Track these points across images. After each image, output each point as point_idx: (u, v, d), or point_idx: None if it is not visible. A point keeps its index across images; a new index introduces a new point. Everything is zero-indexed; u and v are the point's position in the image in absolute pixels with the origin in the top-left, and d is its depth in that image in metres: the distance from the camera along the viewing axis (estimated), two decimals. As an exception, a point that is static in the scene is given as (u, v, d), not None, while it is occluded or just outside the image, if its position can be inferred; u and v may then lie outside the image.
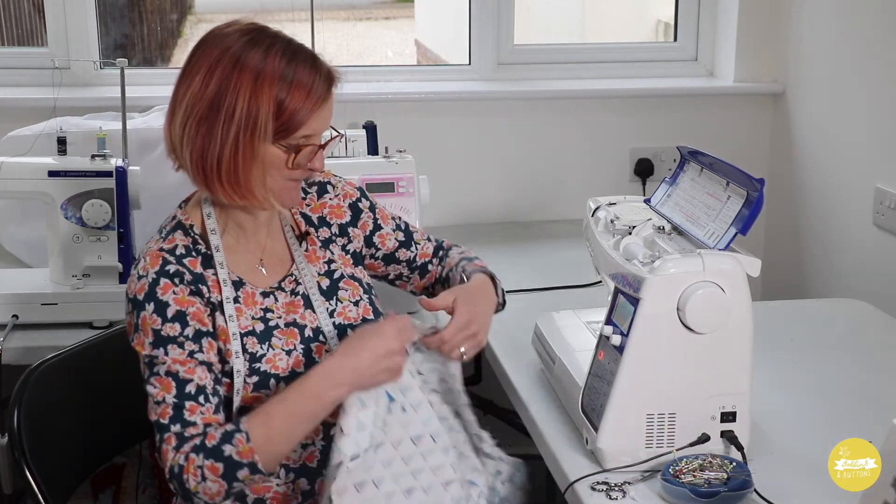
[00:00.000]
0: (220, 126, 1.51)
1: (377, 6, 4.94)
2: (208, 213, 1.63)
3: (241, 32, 1.55)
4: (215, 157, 1.52)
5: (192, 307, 1.55)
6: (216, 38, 1.55)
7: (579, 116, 3.00)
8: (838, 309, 2.35)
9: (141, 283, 1.54)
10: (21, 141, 2.51)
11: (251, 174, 1.54)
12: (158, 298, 1.53)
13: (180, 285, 1.55)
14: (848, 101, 2.68)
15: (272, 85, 1.51)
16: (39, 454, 1.69)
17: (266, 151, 1.53)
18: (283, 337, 1.62)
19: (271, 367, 1.59)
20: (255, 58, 1.51)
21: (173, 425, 1.49)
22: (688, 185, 1.75)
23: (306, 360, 1.62)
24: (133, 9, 3.24)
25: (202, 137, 1.52)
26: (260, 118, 1.51)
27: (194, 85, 1.52)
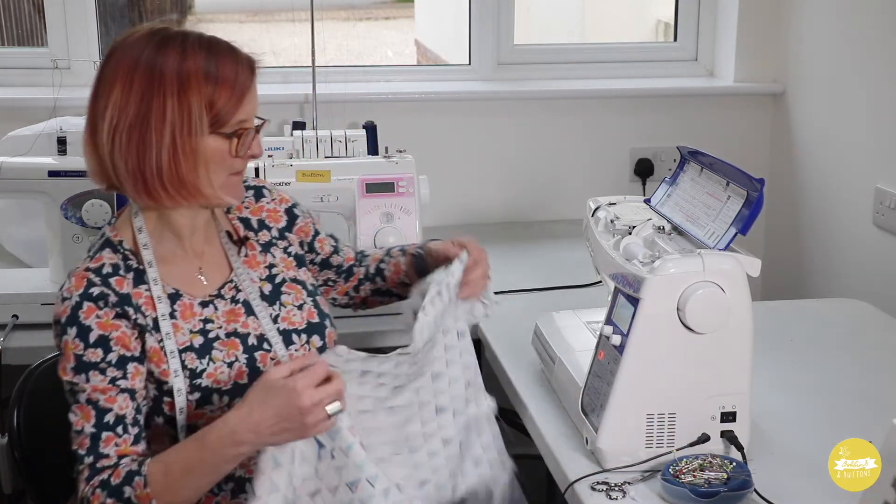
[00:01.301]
0: (152, 132, 1.47)
1: (377, 6, 4.94)
2: (139, 227, 1.58)
3: (148, 37, 1.51)
4: (154, 164, 1.49)
5: (115, 331, 1.51)
6: (123, 48, 1.51)
7: (579, 116, 3.00)
8: (838, 309, 2.35)
9: (64, 306, 1.51)
10: (21, 141, 2.51)
11: (196, 173, 1.51)
12: (81, 323, 1.50)
13: (104, 308, 1.51)
14: (848, 101, 2.68)
15: (198, 81, 1.49)
16: (39, 454, 1.69)
17: (206, 146, 1.51)
18: (223, 348, 1.58)
19: (213, 381, 1.56)
20: (173, 60, 1.49)
21: (87, 457, 1.48)
22: (688, 185, 1.75)
23: (250, 369, 1.59)
24: (133, 9, 3.24)
25: (136, 148, 1.48)
26: (193, 114, 1.48)
27: (114, 98, 1.48)
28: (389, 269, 1.87)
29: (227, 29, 4.37)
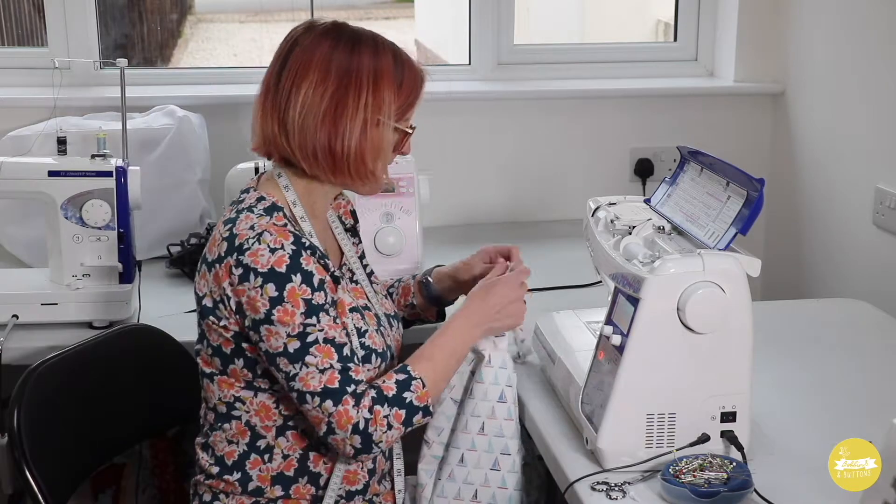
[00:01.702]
0: (347, 119, 1.63)
1: (377, 6, 4.94)
2: (293, 201, 1.68)
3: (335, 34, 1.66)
4: (343, 146, 1.63)
5: (326, 277, 1.61)
6: (308, 43, 1.65)
7: (579, 116, 3.00)
8: (838, 309, 2.35)
9: (278, 256, 1.56)
10: (21, 141, 2.51)
11: (375, 159, 1.67)
12: (305, 269, 1.57)
13: (314, 258, 1.60)
14: (848, 101, 2.68)
15: (389, 79, 1.66)
16: (39, 454, 1.69)
17: (387, 136, 1.67)
18: (367, 317, 1.70)
19: (372, 342, 1.67)
20: (368, 58, 1.65)
21: (347, 387, 1.55)
22: (688, 185, 1.75)
23: (385, 342, 1.71)
24: (133, 9, 3.24)
25: (328, 131, 1.63)
26: (384, 105, 1.65)
27: (307, 87, 1.62)
28: (398, 292, 1.97)
29: (227, 29, 4.37)
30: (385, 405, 1.57)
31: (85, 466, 1.89)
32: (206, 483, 1.71)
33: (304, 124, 1.63)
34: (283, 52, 1.67)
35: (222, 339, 1.64)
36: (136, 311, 2.20)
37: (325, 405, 1.55)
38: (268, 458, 1.67)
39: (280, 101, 1.65)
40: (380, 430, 1.56)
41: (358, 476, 1.71)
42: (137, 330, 2.07)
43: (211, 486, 1.71)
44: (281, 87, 1.65)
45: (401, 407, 1.58)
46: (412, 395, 1.59)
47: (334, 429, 1.55)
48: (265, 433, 1.67)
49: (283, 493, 1.68)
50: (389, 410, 1.57)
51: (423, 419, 1.62)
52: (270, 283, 1.55)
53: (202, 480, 1.73)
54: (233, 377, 1.66)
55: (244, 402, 1.66)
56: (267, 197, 1.66)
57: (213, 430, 1.71)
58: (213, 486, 1.70)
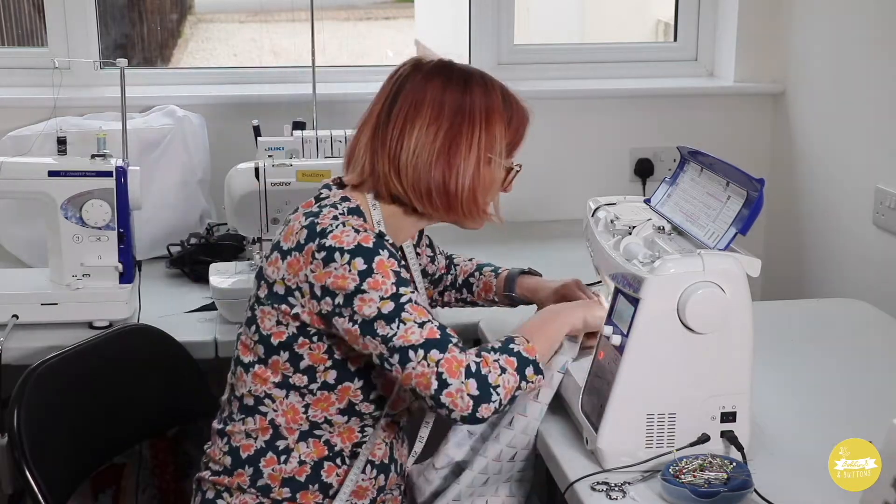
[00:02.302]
0: (460, 157, 1.64)
1: (377, 6, 4.94)
2: (378, 220, 1.68)
3: (445, 73, 1.68)
4: (457, 187, 1.65)
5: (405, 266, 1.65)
6: (419, 81, 1.67)
7: (579, 116, 3.00)
8: (838, 309, 2.35)
9: (363, 235, 1.57)
10: (21, 141, 2.51)
11: (486, 196, 1.71)
12: (388, 247, 1.59)
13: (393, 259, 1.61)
14: (848, 101, 2.68)
15: (500, 117, 1.68)
16: (39, 454, 1.69)
17: (497, 173, 1.70)
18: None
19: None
20: (479, 97, 1.66)
21: (450, 338, 1.55)
22: (688, 185, 1.75)
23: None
24: (133, 9, 3.24)
25: (442, 170, 1.64)
26: (496, 143, 1.67)
27: (420, 126, 1.64)
28: (479, 285, 2.03)
29: (227, 29, 4.37)
30: (493, 352, 1.57)
31: (85, 466, 1.89)
32: (211, 480, 1.71)
33: (417, 164, 1.64)
34: (391, 91, 1.68)
35: (277, 329, 1.63)
36: (136, 311, 2.20)
37: (431, 354, 1.52)
38: (284, 459, 1.67)
39: (391, 140, 1.65)
40: (494, 371, 1.53)
41: (367, 491, 1.71)
42: (137, 330, 2.07)
43: (215, 482, 1.70)
44: (392, 126, 1.65)
45: (510, 354, 1.57)
46: (518, 347, 1.59)
47: (446, 379, 1.50)
48: (288, 435, 1.67)
49: (290, 496, 1.67)
50: (499, 356, 1.56)
51: (535, 375, 1.58)
52: (358, 258, 1.55)
53: (207, 477, 1.72)
54: (270, 369, 1.65)
55: (274, 399, 1.66)
56: (352, 199, 1.67)
57: (232, 420, 1.70)
58: (217, 483, 1.70)
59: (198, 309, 2.29)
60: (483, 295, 2.02)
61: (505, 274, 2.01)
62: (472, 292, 2.03)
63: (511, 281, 1.99)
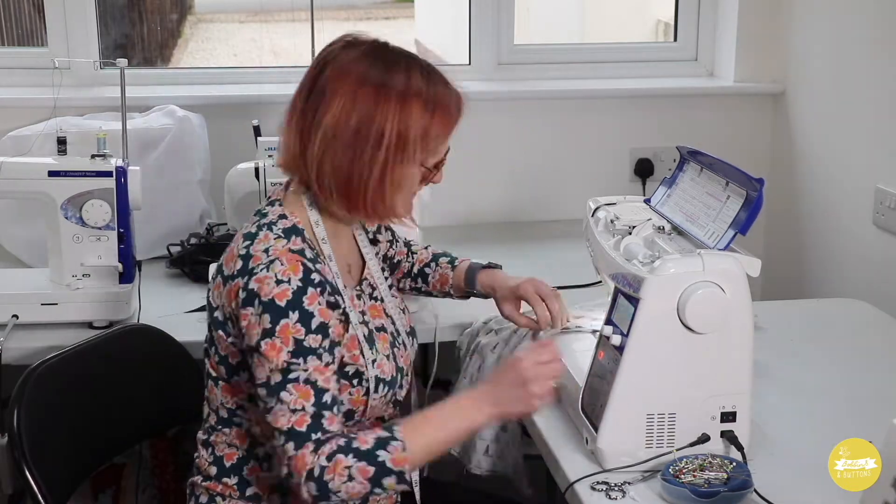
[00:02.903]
0: (368, 152, 1.55)
1: (377, 6, 4.94)
2: (316, 221, 1.63)
3: (370, 54, 1.58)
4: (362, 182, 1.56)
5: (332, 319, 1.54)
6: (341, 62, 1.57)
7: (579, 116, 3.00)
8: (838, 309, 2.35)
9: (282, 289, 1.50)
10: (21, 141, 2.51)
11: (395, 197, 1.60)
12: (304, 308, 1.51)
13: (323, 296, 1.53)
14: (848, 101, 2.68)
15: (419, 108, 1.56)
16: (39, 454, 1.69)
17: (410, 173, 1.59)
18: (380, 341, 1.66)
19: (381, 371, 1.63)
20: (398, 82, 1.55)
21: (313, 433, 1.48)
22: (687, 185, 1.75)
23: (396, 364, 1.67)
24: (133, 9, 3.24)
25: (348, 162, 1.56)
26: (409, 143, 1.56)
27: (334, 110, 1.55)
28: (434, 276, 1.97)
29: (227, 29, 4.37)
30: (350, 456, 1.47)
31: (85, 466, 1.89)
32: (204, 485, 1.71)
33: (324, 152, 1.57)
34: (318, 66, 1.61)
35: (230, 350, 1.62)
36: (136, 311, 2.20)
37: (287, 447, 1.48)
38: (266, 466, 1.66)
39: (305, 127, 1.59)
40: (338, 479, 1.46)
41: None
42: (137, 330, 2.07)
43: (208, 488, 1.70)
44: (308, 111, 1.59)
45: (370, 463, 1.47)
46: (387, 456, 1.48)
47: (291, 472, 1.49)
48: (265, 441, 1.66)
49: (282, 502, 1.67)
50: (355, 462, 1.47)
51: (396, 485, 1.49)
52: (267, 314, 1.50)
53: (199, 482, 1.72)
54: (235, 388, 1.65)
55: (246, 410, 1.65)
56: (289, 216, 1.61)
57: (214, 431, 1.71)
58: (210, 489, 1.70)
59: (198, 309, 2.28)
60: (438, 287, 1.97)
61: (465, 267, 1.95)
62: (426, 283, 1.97)
63: (472, 276, 1.94)
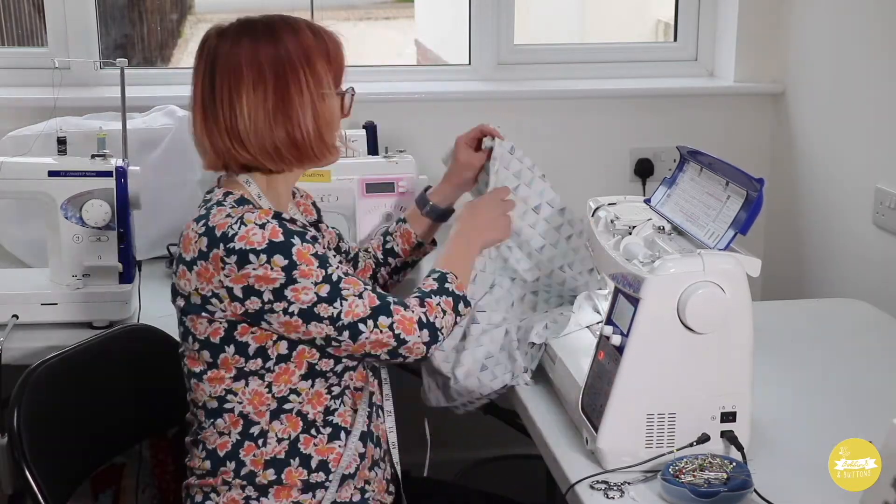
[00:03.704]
0: (296, 106, 1.65)
1: (377, 6, 4.94)
2: (258, 194, 1.70)
3: (252, 31, 1.67)
4: (302, 132, 1.66)
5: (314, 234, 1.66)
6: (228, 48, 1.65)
7: (579, 116, 3.00)
8: (838, 309, 2.35)
9: (269, 229, 1.58)
10: (21, 141, 2.51)
11: (330, 132, 1.71)
12: (297, 231, 1.60)
13: (297, 225, 1.64)
14: (848, 101, 2.68)
15: (318, 53, 1.67)
16: (39, 454, 1.69)
17: (333, 106, 1.70)
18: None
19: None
20: (291, 42, 1.66)
21: (388, 298, 1.64)
22: (687, 185, 1.75)
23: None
24: (133, 9, 3.24)
25: (283, 124, 1.65)
26: (322, 79, 1.67)
27: (246, 90, 1.63)
28: (398, 243, 2.02)
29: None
30: (434, 296, 1.68)
31: (85, 466, 1.89)
32: (198, 483, 1.71)
33: (257, 128, 1.64)
34: (205, 66, 1.67)
35: (211, 328, 1.64)
36: (136, 311, 2.20)
37: (381, 321, 1.61)
38: (262, 442, 1.67)
39: (223, 114, 1.65)
40: (438, 316, 1.66)
41: (351, 466, 1.71)
42: (137, 330, 2.07)
43: (202, 485, 1.71)
44: (219, 101, 1.65)
45: (447, 295, 1.70)
46: (452, 286, 1.71)
47: (404, 337, 1.62)
48: (259, 419, 1.67)
49: (276, 478, 1.67)
50: (439, 299, 1.68)
51: (465, 309, 1.73)
52: (277, 255, 1.56)
53: (193, 482, 1.73)
54: (223, 368, 1.66)
55: (236, 393, 1.66)
56: (234, 192, 1.68)
57: (202, 429, 1.71)
58: (203, 486, 1.70)
59: (198, 309, 2.28)
60: (408, 247, 2.02)
61: (411, 209, 2.05)
62: (396, 255, 2.02)
63: (423, 200, 2.03)
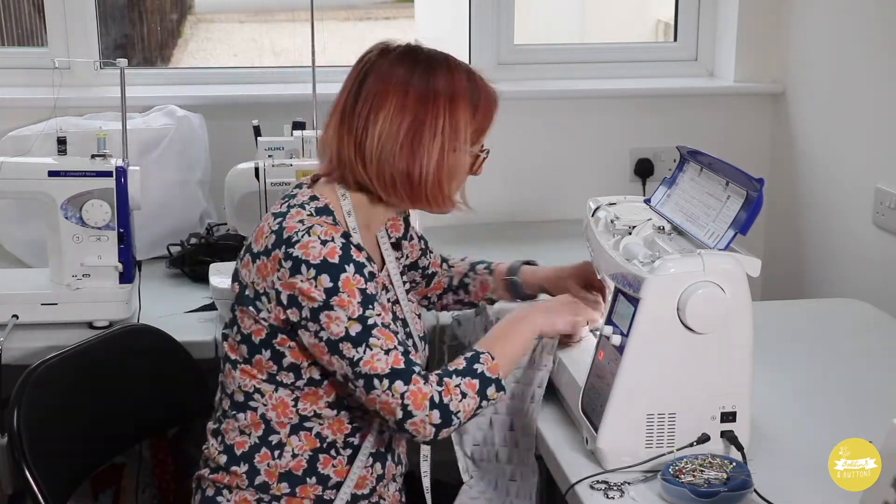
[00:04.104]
0: (424, 144, 1.63)
1: (377, 6, 4.93)
2: (348, 211, 1.69)
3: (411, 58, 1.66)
4: (422, 171, 1.64)
5: (375, 272, 1.63)
6: (383, 67, 1.65)
7: (579, 116, 3.00)
8: (838, 309, 2.35)
9: (329, 248, 1.56)
10: (21, 141, 2.51)
11: (451, 183, 1.69)
12: (356, 260, 1.57)
13: (362, 254, 1.60)
14: (848, 101, 2.68)
15: (465, 102, 1.66)
16: (39, 454, 1.69)
17: (463, 160, 1.68)
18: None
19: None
20: (443, 81, 1.65)
21: (413, 367, 1.56)
22: (687, 185, 1.75)
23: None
24: (133, 9, 3.24)
25: (406, 159, 1.64)
26: (460, 130, 1.65)
27: (386, 112, 1.63)
28: (475, 284, 2.02)
29: (227, 29, 4.37)
30: (454, 376, 1.58)
31: (85, 466, 1.89)
32: (210, 477, 1.71)
33: (382, 153, 1.63)
34: (358, 76, 1.67)
35: (255, 327, 1.64)
36: (136, 311, 2.20)
37: (396, 386, 1.54)
38: (278, 454, 1.67)
39: (357, 127, 1.65)
40: (455, 399, 1.56)
41: (367, 481, 1.71)
42: (137, 330, 2.07)
43: (214, 480, 1.71)
44: (358, 114, 1.65)
45: (473, 377, 1.59)
46: (482, 367, 1.60)
47: (411, 410, 1.54)
48: (279, 429, 1.67)
49: (289, 491, 1.67)
50: (460, 380, 1.58)
51: (496, 393, 1.61)
52: (324, 274, 1.55)
53: (206, 475, 1.72)
54: (256, 367, 1.66)
55: (263, 394, 1.66)
56: (320, 198, 1.66)
57: (226, 418, 1.71)
58: (216, 481, 1.70)
59: (198, 309, 2.29)
60: (480, 294, 2.02)
61: (504, 269, 2.01)
62: (468, 293, 2.02)
63: (514, 272, 1.99)
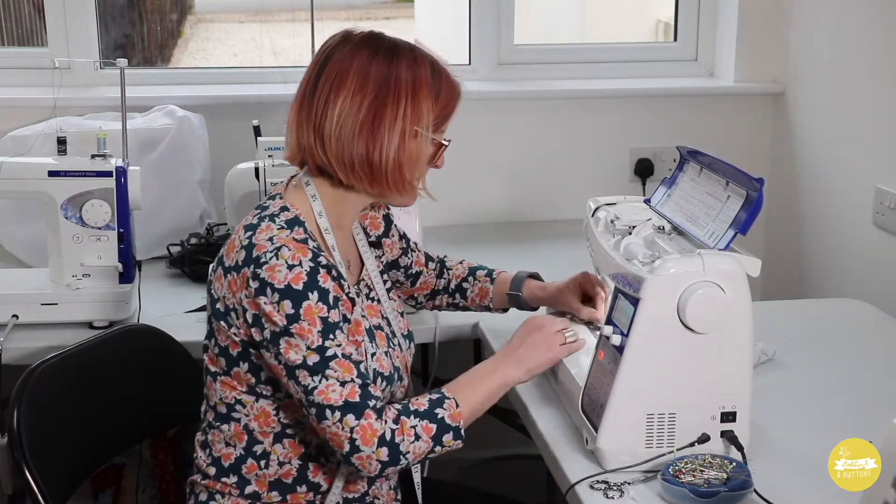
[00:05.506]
0: (385, 129, 1.61)
1: (377, 6, 4.93)
2: (319, 212, 1.66)
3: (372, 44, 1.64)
4: (381, 156, 1.61)
5: (342, 296, 1.58)
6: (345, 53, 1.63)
7: (579, 116, 3.00)
8: (838, 309, 2.35)
9: (295, 273, 1.53)
10: (21, 141, 2.51)
11: (412, 170, 1.66)
12: (321, 287, 1.54)
13: (331, 275, 1.57)
14: (848, 101, 2.68)
15: (428, 89, 1.64)
16: (39, 454, 1.69)
17: (424, 147, 1.65)
18: (378, 338, 1.67)
19: (379, 365, 1.64)
20: (406, 68, 1.63)
21: (368, 401, 1.53)
22: (687, 185, 1.75)
23: (392, 364, 1.68)
24: (133, 9, 3.24)
25: (365, 141, 1.61)
26: (423, 117, 1.63)
27: (345, 97, 1.61)
28: (473, 290, 2.00)
29: (227, 29, 4.37)
30: (412, 417, 1.54)
31: (85, 466, 1.89)
32: (203, 483, 1.71)
33: (341, 134, 1.61)
34: (319, 62, 1.65)
35: (230, 340, 1.63)
36: (136, 311, 2.20)
37: (347, 419, 1.51)
38: (264, 464, 1.67)
39: (316, 110, 1.63)
40: (407, 440, 1.53)
41: (358, 485, 1.71)
42: (137, 330, 2.07)
43: (207, 486, 1.71)
44: (317, 97, 1.63)
45: (431, 421, 1.55)
46: (444, 412, 1.56)
47: (359, 445, 1.51)
48: (262, 439, 1.66)
49: (280, 499, 1.67)
50: (417, 422, 1.54)
51: (453, 441, 1.57)
52: (287, 300, 1.52)
53: (199, 480, 1.73)
54: (236, 380, 1.65)
55: (244, 405, 1.66)
56: (291, 208, 1.63)
57: (211, 429, 1.71)
58: (209, 487, 1.70)
59: (198, 309, 2.28)
60: (477, 301, 2.00)
61: (508, 278, 1.98)
62: (465, 297, 2.00)
63: (518, 284, 1.96)
